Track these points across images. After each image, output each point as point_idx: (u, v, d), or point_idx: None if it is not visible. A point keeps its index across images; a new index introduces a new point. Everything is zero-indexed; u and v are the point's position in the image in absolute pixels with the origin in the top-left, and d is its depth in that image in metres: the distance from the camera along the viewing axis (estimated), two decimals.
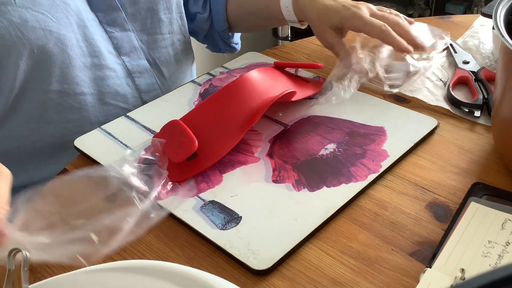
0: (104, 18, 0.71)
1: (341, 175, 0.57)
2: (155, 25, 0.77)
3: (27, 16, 0.61)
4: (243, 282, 0.48)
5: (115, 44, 0.73)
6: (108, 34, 0.72)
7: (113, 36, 0.72)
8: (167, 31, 0.79)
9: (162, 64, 0.80)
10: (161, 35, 0.78)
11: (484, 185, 0.55)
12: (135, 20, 0.74)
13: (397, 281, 0.47)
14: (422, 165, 0.59)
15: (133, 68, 0.75)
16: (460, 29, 0.86)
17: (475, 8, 1.93)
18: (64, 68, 0.66)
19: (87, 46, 0.68)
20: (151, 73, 0.79)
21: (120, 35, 0.73)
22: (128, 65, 0.74)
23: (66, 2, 0.65)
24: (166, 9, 0.77)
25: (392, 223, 0.52)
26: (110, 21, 0.71)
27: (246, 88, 0.63)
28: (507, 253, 0.46)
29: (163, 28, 0.78)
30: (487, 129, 0.64)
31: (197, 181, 0.58)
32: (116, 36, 0.73)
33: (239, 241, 0.50)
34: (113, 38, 0.72)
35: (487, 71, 0.71)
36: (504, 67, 0.53)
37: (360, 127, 0.64)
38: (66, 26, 0.65)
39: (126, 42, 0.74)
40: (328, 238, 0.51)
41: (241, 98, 0.62)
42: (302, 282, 0.47)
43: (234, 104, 0.62)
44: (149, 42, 0.77)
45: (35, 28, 0.62)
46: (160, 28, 0.78)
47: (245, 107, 0.62)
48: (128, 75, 0.75)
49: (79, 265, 0.38)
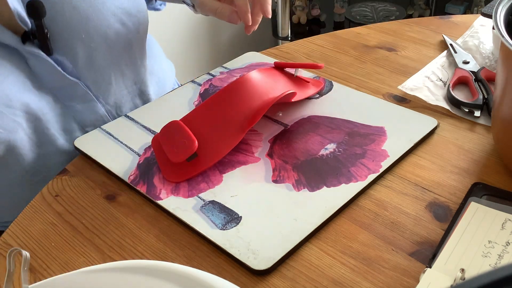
0: (61, 94, 0.67)
1: (341, 175, 0.57)
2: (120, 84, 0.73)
3: None
4: (243, 282, 0.48)
5: (78, 119, 0.69)
6: (69, 109, 0.68)
7: (75, 110, 0.69)
8: (133, 82, 0.76)
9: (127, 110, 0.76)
10: (126, 90, 0.75)
11: (484, 185, 0.55)
12: (97, 87, 0.70)
13: (397, 281, 0.47)
14: (422, 165, 0.59)
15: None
16: (460, 29, 0.86)
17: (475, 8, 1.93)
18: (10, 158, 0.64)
19: (39, 136, 0.65)
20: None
21: (81, 107, 0.69)
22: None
23: (9, 105, 0.60)
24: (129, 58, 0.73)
25: (392, 223, 0.52)
26: (68, 96, 0.67)
27: (246, 88, 0.63)
28: (507, 253, 0.46)
29: (127, 83, 0.74)
30: (487, 129, 0.64)
31: (197, 181, 0.58)
32: (77, 110, 0.69)
33: (239, 241, 0.50)
34: (74, 113, 0.69)
35: (487, 71, 0.71)
36: (504, 67, 0.53)
37: (360, 127, 0.64)
38: (15, 129, 0.62)
39: (90, 113, 0.70)
40: (328, 238, 0.51)
41: (241, 99, 0.62)
42: (302, 282, 0.47)
43: (234, 104, 0.62)
44: (117, 103, 0.73)
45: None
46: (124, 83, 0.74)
47: (245, 107, 0.62)
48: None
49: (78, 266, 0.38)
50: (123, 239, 0.53)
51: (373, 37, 0.86)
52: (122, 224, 0.55)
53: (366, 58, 0.80)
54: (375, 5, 2.06)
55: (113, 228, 0.54)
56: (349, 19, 2.00)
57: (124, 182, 0.59)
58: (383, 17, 1.99)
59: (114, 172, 0.60)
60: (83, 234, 0.54)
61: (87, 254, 0.52)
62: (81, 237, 0.54)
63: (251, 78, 0.64)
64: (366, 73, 0.77)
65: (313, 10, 2.03)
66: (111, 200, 0.58)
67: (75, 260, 0.51)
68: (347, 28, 0.90)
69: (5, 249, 0.53)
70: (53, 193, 0.59)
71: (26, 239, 0.54)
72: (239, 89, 0.63)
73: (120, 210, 0.57)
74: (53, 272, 0.50)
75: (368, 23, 1.83)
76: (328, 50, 0.83)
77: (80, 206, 0.57)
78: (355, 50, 0.83)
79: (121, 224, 0.55)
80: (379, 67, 0.78)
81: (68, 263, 0.51)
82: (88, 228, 0.55)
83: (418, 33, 0.86)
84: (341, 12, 2.02)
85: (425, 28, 0.88)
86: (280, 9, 1.90)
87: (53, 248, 0.53)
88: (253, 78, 0.64)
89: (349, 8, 2.04)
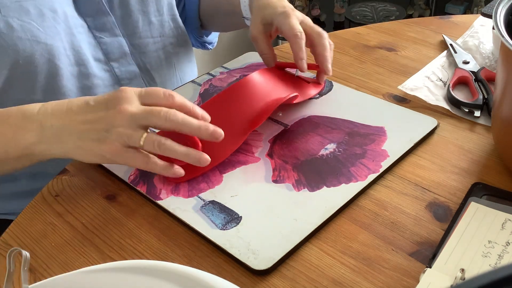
0: (93, 23, 0.69)
1: (341, 175, 0.57)
2: (146, 28, 0.75)
3: (14, 26, 0.60)
4: (243, 282, 0.48)
5: (104, 50, 0.71)
6: (97, 40, 0.70)
7: (102, 42, 0.71)
8: (158, 34, 0.77)
9: (153, 69, 0.79)
10: (151, 39, 0.77)
11: (484, 185, 0.55)
12: (125, 24, 0.72)
13: (397, 281, 0.47)
14: (422, 165, 0.59)
15: (122, 75, 0.74)
16: (460, 29, 0.86)
17: (475, 8, 1.93)
18: (50, 78, 0.65)
19: (74, 54, 0.67)
20: (141, 78, 0.77)
21: (109, 40, 0.71)
22: (117, 72, 0.73)
23: (54, 10, 0.63)
24: (157, 11, 0.75)
25: (392, 223, 0.52)
26: (99, 26, 0.70)
27: (248, 90, 0.63)
28: (507, 253, 0.46)
29: (153, 31, 0.76)
30: (487, 129, 0.64)
31: (197, 181, 0.58)
32: (105, 42, 0.71)
33: (239, 241, 0.50)
34: (102, 44, 0.71)
35: (487, 71, 0.71)
36: (504, 67, 0.53)
37: (360, 127, 0.64)
38: (54, 35, 0.63)
39: (115, 48, 0.72)
40: (328, 238, 0.51)
41: (244, 101, 0.62)
42: (302, 282, 0.47)
43: (237, 106, 0.62)
44: (140, 46, 0.75)
45: (21, 39, 0.60)
46: (150, 32, 0.76)
47: (248, 110, 0.62)
48: (117, 82, 0.73)
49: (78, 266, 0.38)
50: (123, 239, 0.53)
51: (373, 37, 0.86)
52: (122, 224, 0.55)
53: (366, 58, 0.80)
54: (375, 5, 2.06)
55: (113, 228, 0.54)
56: (349, 19, 2.00)
57: (124, 182, 0.59)
58: (383, 17, 1.99)
59: (114, 172, 0.60)
60: (83, 234, 0.54)
61: (87, 254, 0.52)
62: (81, 237, 0.54)
63: (253, 80, 0.64)
64: (366, 73, 0.77)
65: (313, 10, 2.03)
66: (111, 200, 0.58)
67: (75, 260, 0.51)
68: (347, 28, 0.90)
69: (5, 249, 0.53)
70: (53, 193, 0.59)
71: (26, 239, 0.54)
72: (241, 91, 0.63)
73: (120, 210, 0.57)
74: (53, 272, 0.50)
75: (368, 23, 1.83)
76: None
77: (80, 206, 0.57)
78: (355, 50, 0.83)
79: (121, 224, 0.55)
80: (379, 67, 0.78)
81: (68, 263, 0.51)
82: (88, 228, 0.55)
83: (418, 33, 0.87)
84: (341, 12, 2.02)
85: (425, 28, 0.88)
86: None
87: (53, 248, 0.53)
88: (255, 80, 0.64)
89: (349, 8, 2.05)
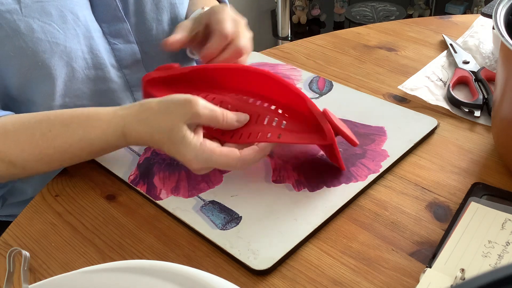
0: (108, 29, 0.69)
1: (341, 175, 0.57)
2: (159, 36, 0.74)
3: (34, 27, 0.59)
4: (243, 282, 0.48)
5: (117, 56, 0.71)
6: (111, 46, 0.70)
7: (116, 48, 0.70)
8: None
9: None
10: None
11: (484, 185, 0.55)
12: (139, 31, 0.72)
13: (397, 281, 0.47)
14: (422, 165, 0.59)
15: (132, 81, 0.73)
16: (460, 29, 0.86)
17: (475, 8, 1.93)
18: (67, 81, 0.65)
19: (92, 58, 0.67)
20: None
21: (123, 47, 0.71)
22: (128, 78, 0.73)
23: (75, 13, 0.63)
24: (170, 19, 0.75)
25: (392, 223, 0.52)
26: (114, 33, 0.69)
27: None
28: (507, 253, 0.46)
29: None
30: (487, 129, 0.64)
31: (197, 181, 0.58)
32: (119, 48, 0.71)
33: (239, 241, 0.50)
34: (116, 50, 0.70)
35: (487, 71, 0.71)
36: (504, 67, 0.53)
37: (360, 127, 0.64)
38: (73, 37, 0.63)
39: (128, 54, 0.72)
40: (328, 238, 0.51)
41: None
42: (302, 282, 0.47)
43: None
44: (151, 54, 0.75)
45: (41, 40, 0.60)
46: (163, 40, 0.75)
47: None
48: (127, 88, 0.73)
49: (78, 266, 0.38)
50: (123, 239, 0.53)
51: (373, 37, 0.86)
52: (122, 224, 0.55)
53: (366, 58, 0.80)
54: (375, 5, 2.06)
55: (113, 228, 0.54)
56: (349, 19, 2.00)
57: (124, 182, 0.59)
58: (383, 17, 1.99)
59: (114, 172, 0.60)
60: (83, 234, 0.54)
61: (87, 254, 0.52)
62: (81, 237, 0.54)
63: None
64: (366, 73, 0.77)
65: (313, 10, 2.03)
66: (111, 200, 0.58)
67: (75, 260, 0.51)
68: (347, 28, 0.90)
69: (5, 249, 0.53)
70: (53, 193, 0.59)
71: (26, 239, 0.54)
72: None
73: (120, 210, 0.57)
74: (53, 272, 0.50)
75: (368, 23, 1.83)
76: (328, 50, 0.83)
77: (80, 206, 0.57)
78: (355, 50, 0.83)
79: (121, 224, 0.55)
80: (379, 67, 0.78)
81: (68, 263, 0.51)
82: (88, 228, 0.55)
83: (418, 33, 0.87)
84: (341, 12, 2.02)
85: (425, 28, 0.88)
86: (280, 9, 1.90)
87: (53, 248, 0.53)
88: None
89: (349, 8, 2.05)
